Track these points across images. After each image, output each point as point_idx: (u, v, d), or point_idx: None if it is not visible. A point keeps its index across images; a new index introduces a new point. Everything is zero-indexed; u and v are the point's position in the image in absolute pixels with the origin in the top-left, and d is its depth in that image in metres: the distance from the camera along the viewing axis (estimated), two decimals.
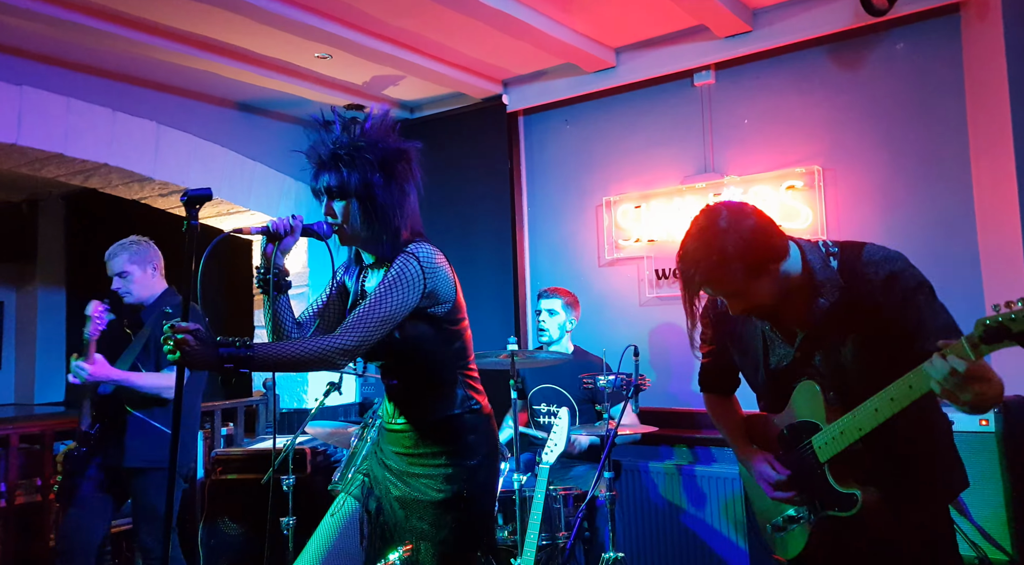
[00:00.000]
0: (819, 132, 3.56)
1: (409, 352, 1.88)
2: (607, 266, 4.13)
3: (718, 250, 1.55)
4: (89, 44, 3.57)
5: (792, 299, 1.64)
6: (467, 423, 1.90)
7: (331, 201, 1.89)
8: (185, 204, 1.71)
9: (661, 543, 3.59)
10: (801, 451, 1.70)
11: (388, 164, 1.89)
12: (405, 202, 1.93)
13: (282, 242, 1.87)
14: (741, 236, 1.55)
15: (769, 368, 1.75)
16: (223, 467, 3.71)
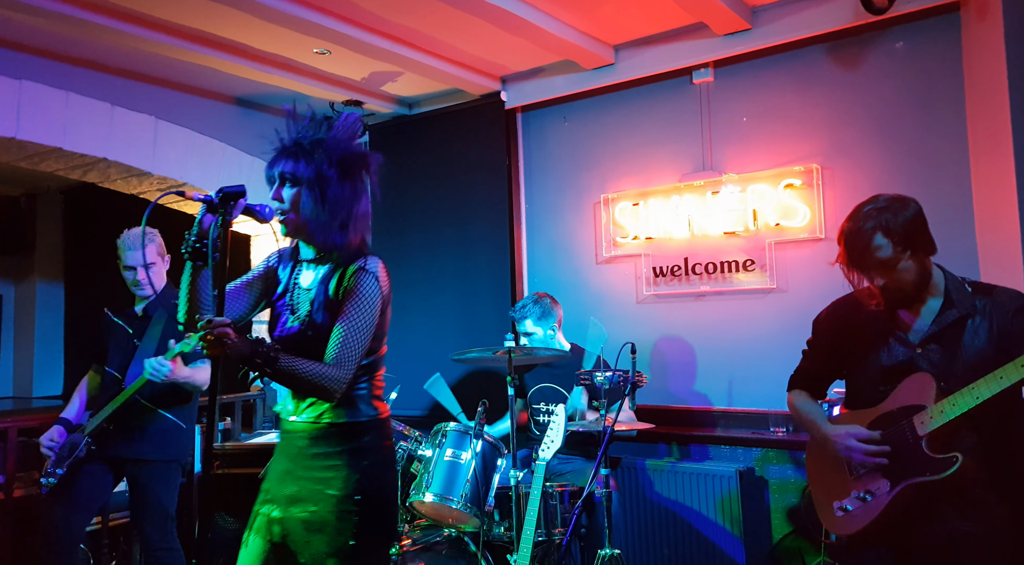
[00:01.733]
0: (818, 131, 3.56)
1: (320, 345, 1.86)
2: (605, 263, 4.13)
3: (892, 208, 1.88)
4: (89, 39, 3.56)
5: (924, 302, 1.95)
6: (363, 427, 1.90)
7: (281, 187, 1.90)
8: (219, 201, 1.74)
9: (657, 539, 3.60)
10: (898, 429, 1.90)
11: (346, 163, 1.92)
12: (357, 203, 1.94)
13: (227, 214, 1.82)
14: (909, 209, 1.91)
15: (882, 364, 1.98)
16: (220, 461, 3.72)
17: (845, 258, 1.93)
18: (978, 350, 1.89)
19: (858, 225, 1.90)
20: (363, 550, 1.82)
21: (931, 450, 1.84)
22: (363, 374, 1.93)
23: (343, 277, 1.89)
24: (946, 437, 1.84)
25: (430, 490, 2.75)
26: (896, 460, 1.90)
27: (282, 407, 1.99)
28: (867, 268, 1.91)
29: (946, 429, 1.83)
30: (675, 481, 3.60)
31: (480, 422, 2.92)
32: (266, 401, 4.73)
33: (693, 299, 3.85)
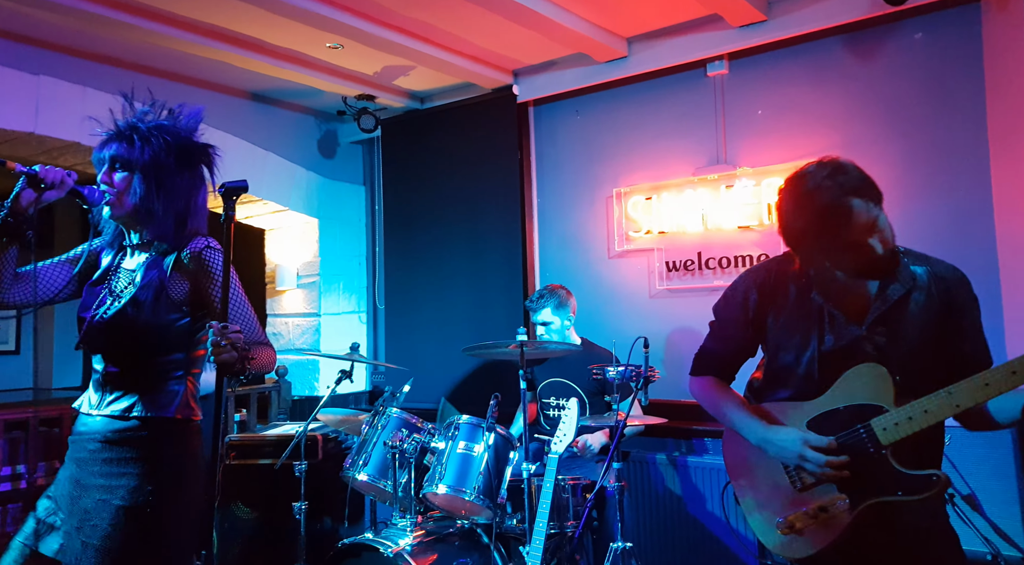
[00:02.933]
0: (835, 124, 3.53)
1: (155, 339, 1.80)
2: (617, 258, 4.13)
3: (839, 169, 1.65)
4: (105, 34, 3.60)
5: (866, 280, 1.70)
6: (178, 428, 1.81)
7: (112, 171, 1.82)
8: (222, 196, 1.70)
9: (670, 533, 3.60)
10: (854, 435, 1.65)
11: (186, 152, 1.85)
12: (194, 195, 1.87)
13: (44, 192, 1.73)
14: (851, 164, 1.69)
15: (822, 350, 1.71)
16: (236, 453, 3.76)
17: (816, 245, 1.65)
18: (919, 330, 1.65)
19: (825, 200, 1.60)
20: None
21: (899, 462, 1.60)
22: (188, 363, 1.84)
23: (183, 258, 1.82)
24: (912, 445, 1.60)
25: (443, 482, 2.76)
26: (855, 472, 1.63)
27: (82, 401, 1.85)
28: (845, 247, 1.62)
29: (910, 440, 1.59)
30: (688, 475, 3.60)
31: (493, 415, 2.93)
32: (280, 393, 4.76)
33: (707, 294, 3.83)
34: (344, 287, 5.13)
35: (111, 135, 1.84)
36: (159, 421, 1.79)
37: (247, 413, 4.56)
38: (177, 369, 1.84)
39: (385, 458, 2.89)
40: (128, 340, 1.78)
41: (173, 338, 1.82)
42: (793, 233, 1.71)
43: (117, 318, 1.77)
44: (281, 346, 5.14)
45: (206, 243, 1.84)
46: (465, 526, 2.94)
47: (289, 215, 4.97)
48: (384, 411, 3.03)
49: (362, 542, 2.72)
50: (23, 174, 1.66)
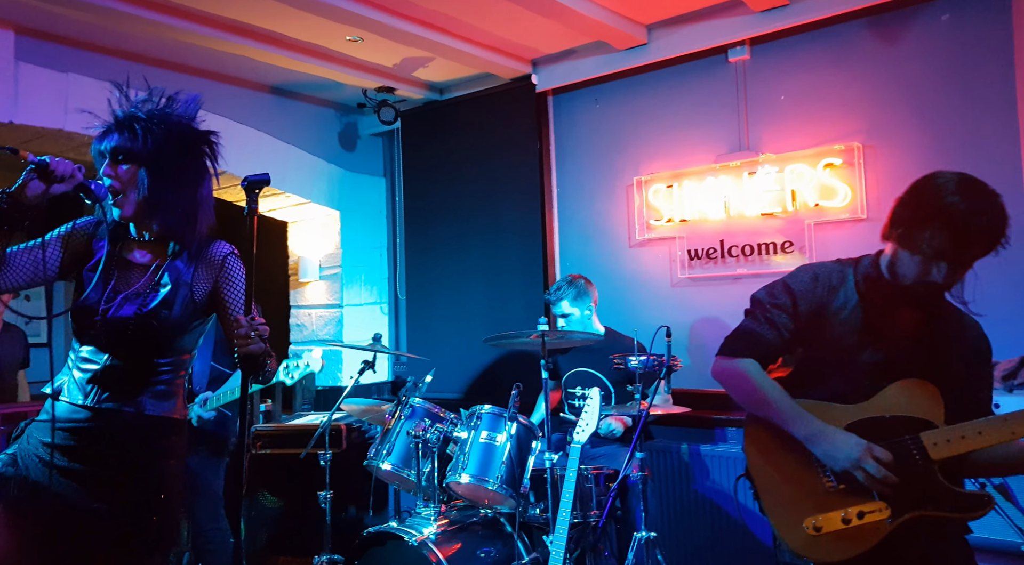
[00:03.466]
0: (859, 108, 3.47)
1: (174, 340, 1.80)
2: (638, 247, 4.11)
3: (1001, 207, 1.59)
4: (131, 31, 3.65)
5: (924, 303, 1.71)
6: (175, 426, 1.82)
7: (116, 164, 1.75)
8: (245, 189, 1.70)
9: (693, 523, 3.60)
10: (901, 445, 1.64)
11: (189, 141, 1.80)
12: (200, 184, 1.83)
13: (53, 185, 1.64)
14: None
15: (873, 358, 1.73)
16: (262, 442, 3.81)
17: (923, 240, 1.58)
18: (963, 364, 1.71)
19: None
20: None
21: (946, 478, 1.60)
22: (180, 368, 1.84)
23: (208, 268, 1.82)
24: (957, 463, 1.62)
25: (466, 471, 2.78)
26: (900, 484, 1.61)
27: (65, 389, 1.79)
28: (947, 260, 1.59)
29: (957, 459, 1.61)
30: (713, 465, 3.59)
31: (515, 405, 2.94)
32: (304, 383, 4.82)
33: (729, 282, 3.80)
34: (366, 278, 5.17)
35: (110, 126, 1.78)
36: (157, 419, 1.78)
37: (272, 403, 4.63)
38: (178, 369, 1.85)
39: (408, 447, 2.92)
40: (151, 339, 1.76)
41: (186, 341, 1.84)
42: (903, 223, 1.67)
43: (147, 317, 1.74)
44: (304, 337, 5.19)
45: (230, 250, 1.86)
46: (488, 515, 2.96)
47: (311, 207, 5.00)
48: (407, 401, 3.05)
49: (387, 530, 2.75)
50: (33, 164, 1.60)
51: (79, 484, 1.71)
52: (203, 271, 1.83)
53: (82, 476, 1.71)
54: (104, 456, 1.73)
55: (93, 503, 1.70)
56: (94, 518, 1.69)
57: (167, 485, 1.78)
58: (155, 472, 1.77)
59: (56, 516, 1.69)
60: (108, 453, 1.73)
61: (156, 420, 1.78)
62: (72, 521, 1.69)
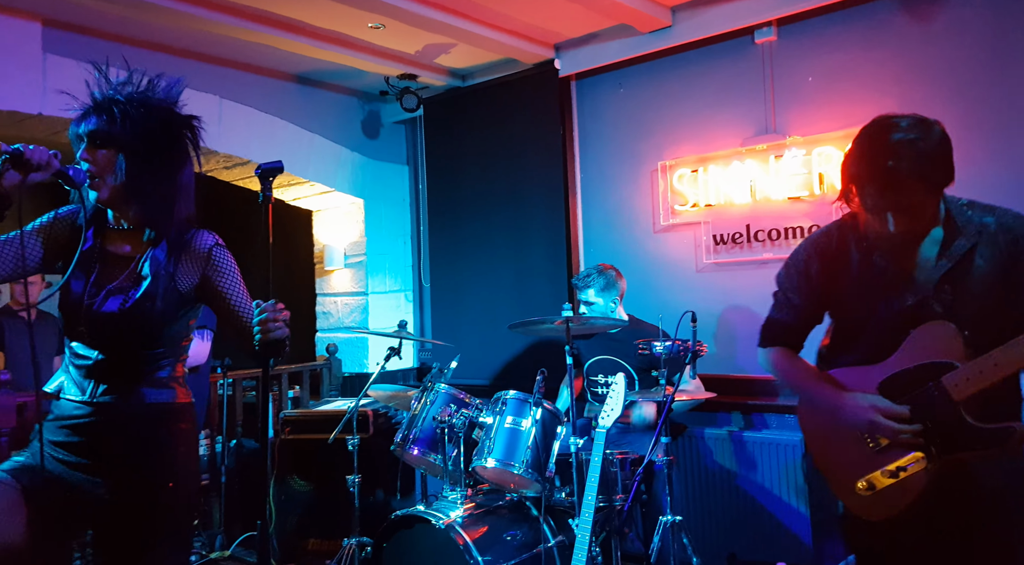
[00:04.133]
0: (888, 89, 3.40)
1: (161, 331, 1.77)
2: (663, 232, 4.08)
3: (923, 138, 1.55)
4: (155, 22, 3.68)
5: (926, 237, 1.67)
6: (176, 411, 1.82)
7: (93, 148, 1.70)
8: (259, 177, 1.69)
9: (719, 508, 3.59)
10: (926, 393, 1.65)
11: (172, 127, 1.76)
12: (179, 171, 1.78)
13: (29, 174, 1.58)
14: (935, 133, 1.57)
15: (889, 312, 1.71)
16: (291, 428, 3.87)
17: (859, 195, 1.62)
18: (987, 283, 1.62)
19: (886, 163, 1.55)
20: None
21: (973, 417, 1.59)
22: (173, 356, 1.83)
23: (192, 259, 1.79)
24: (984, 398, 1.59)
25: (492, 456, 2.80)
26: (930, 431, 1.64)
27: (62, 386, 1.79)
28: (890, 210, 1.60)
29: (983, 394, 1.58)
30: (738, 450, 3.57)
31: (539, 390, 2.95)
32: (331, 370, 4.87)
33: (756, 267, 3.77)
34: (390, 266, 5.20)
35: (89, 108, 1.72)
36: (159, 408, 1.78)
37: (300, 390, 4.69)
38: (175, 356, 1.83)
39: (434, 433, 2.95)
40: (137, 332, 1.74)
41: (176, 329, 1.81)
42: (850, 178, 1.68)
43: (132, 311, 1.71)
44: (330, 325, 5.24)
45: (215, 240, 1.83)
46: (514, 499, 2.98)
47: (335, 196, 5.04)
48: (432, 387, 3.08)
49: (414, 514, 2.78)
50: (7, 153, 1.53)
51: (88, 477, 1.71)
52: (187, 263, 1.79)
53: (90, 470, 1.72)
54: (109, 449, 1.72)
55: (104, 495, 1.70)
56: (105, 509, 1.70)
57: (176, 474, 1.77)
58: (162, 461, 1.76)
59: (69, 507, 1.70)
60: (113, 446, 1.73)
61: (158, 408, 1.78)
62: (85, 512, 1.71)
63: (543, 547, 2.82)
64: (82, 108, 1.74)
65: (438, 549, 2.69)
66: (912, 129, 1.57)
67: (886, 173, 1.56)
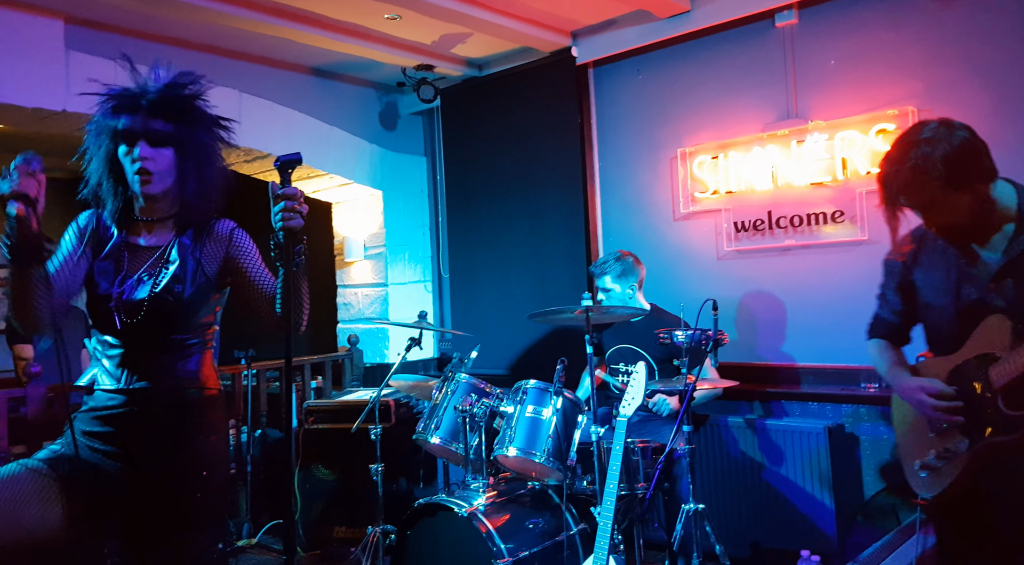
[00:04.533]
0: (913, 71, 3.34)
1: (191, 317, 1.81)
2: (682, 220, 4.05)
3: (921, 156, 1.65)
4: (175, 17, 3.71)
5: (997, 229, 1.74)
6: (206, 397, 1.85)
7: (153, 147, 1.75)
8: (279, 169, 1.71)
9: (742, 496, 3.58)
10: (975, 380, 1.77)
11: (208, 124, 1.84)
12: (215, 166, 1.86)
13: (36, 204, 1.58)
14: (948, 145, 1.65)
15: (959, 306, 1.81)
16: (315, 417, 3.91)
17: (883, 195, 1.75)
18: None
19: (896, 165, 1.70)
20: None
21: (1007, 405, 1.69)
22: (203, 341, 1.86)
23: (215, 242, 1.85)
24: (1020, 389, 1.68)
25: (513, 444, 2.81)
26: (971, 416, 1.77)
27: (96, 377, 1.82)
28: (912, 207, 1.74)
29: (1018, 381, 1.67)
30: (760, 439, 3.56)
31: (559, 380, 2.96)
32: (353, 360, 4.91)
33: (778, 253, 3.73)
34: (409, 257, 5.22)
35: (129, 104, 1.76)
36: (189, 395, 1.81)
37: (323, 380, 4.73)
38: (203, 342, 1.87)
39: (456, 422, 2.96)
40: (166, 317, 1.77)
41: (203, 315, 1.85)
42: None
43: (161, 295, 1.76)
44: (351, 316, 5.28)
45: (234, 224, 1.90)
46: (536, 488, 2.99)
47: (354, 188, 5.06)
48: (453, 377, 3.09)
49: (437, 502, 2.81)
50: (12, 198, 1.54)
51: (121, 465, 1.75)
52: (211, 247, 1.86)
53: (123, 459, 1.75)
54: (142, 438, 1.76)
55: (136, 483, 1.73)
56: (140, 498, 1.73)
57: (208, 461, 1.80)
58: (195, 449, 1.79)
59: (102, 495, 1.73)
60: (145, 435, 1.76)
61: (188, 397, 1.81)
62: (117, 500, 1.74)
63: (565, 535, 2.83)
64: (111, 101, 1.78)
65: (461, 537, 2.71)
66: (931, 131, 1.69)
67: (902, 169, 1.68)
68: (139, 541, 1.75)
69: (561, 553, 2.82)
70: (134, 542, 1.76)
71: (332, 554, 3.74)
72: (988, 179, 1.70)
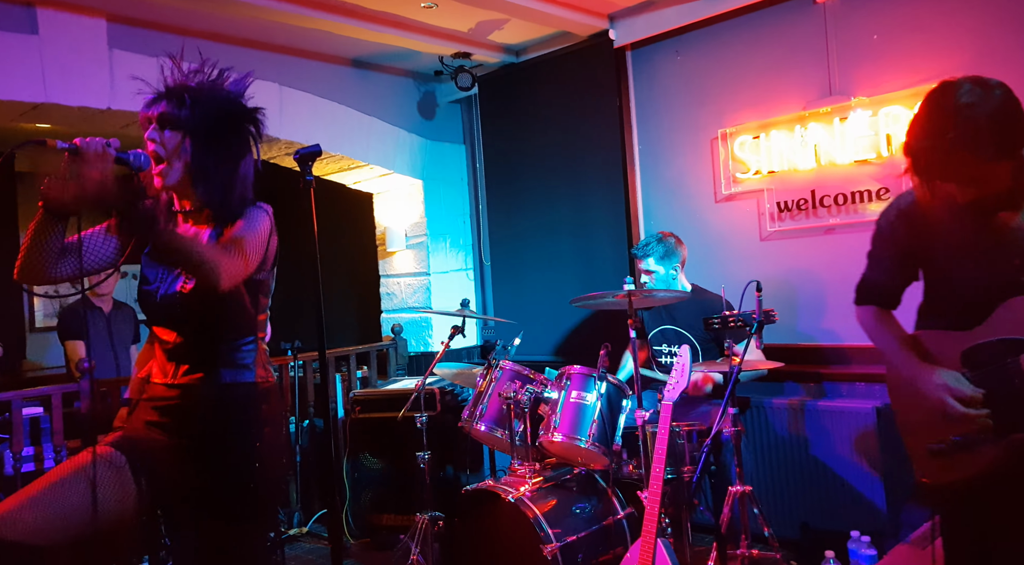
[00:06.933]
0: (961, 42, 3.23)
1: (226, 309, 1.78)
2: (724, 201, 4.00)
3: (964, 128, 1.48)
4: (216, 12, 3.79)
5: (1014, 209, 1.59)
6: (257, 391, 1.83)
7: (161, 129, 1.75)
8: (298, 162, 1.73)
9: (790, 478, 3.55)
10: (1001, 368, 1.61)
11: (236, 116, 1.81)
12: (241, 160, 1.82)
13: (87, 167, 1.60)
14: (990, 110, 1.48)
15: (978, 282, 1.66)
16: (361, 407, 3.99)
17: (916, 168, 1.59)
18: None
19: (932, 139, 1.53)
20: None
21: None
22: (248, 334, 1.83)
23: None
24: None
25: (558, 430, 2.83)
26: (1001, 406, 1.60)
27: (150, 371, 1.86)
28: (948, 182, 1.57)
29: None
30: (808, 420, 3.51)
31: (603, 365, 2.96)
32: (398, 350, 4.98)
33: (822, 233, 3.66)
34: (451, 245, 5.26)
35: (159, 94, 1.78)
36: (240, 387, 1.81)
37: (368, 370, 4.82)
38: (249, 337, 1.85)
39: (500, 409, 3.00)
40: (206, 310, 1.76)
41: (246, 308, 1.83)
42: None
43: (200, 293, 1.73)
44: (394, 305, 5.35)
45: (265, 215, 1.82)
46: (582, 473, 3.01)
47: (395, 178, 5.11)
48: (497, 364, 3.12)
49: (484, 489, 2.85)
50: (64, 151, 1.56)
51: (178, 456, 1.77)
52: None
53: (179, 450, 1.78)
54: (194, 430, 1.78)
55: (192, 474, 1.75)
56: (193, 488, 1.75)
57: (262, 453, 1.79)
58: (248, 441, 1.79)
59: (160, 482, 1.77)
60: (197, 427, 1.78)
61: (237, 390, 1.81)
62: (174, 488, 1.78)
63: (612, 519, 2.85)
64: (153, 94, 1.80)
65: (509, 522, 2.75)
66: (968, 95, 1.52)
67: (942, 145, 1.52)
68: (191, 529, 1.79)
69: (608, 537, 2.84)
70: (187, 529, 1.80)
71: (381, 541, 3.82)
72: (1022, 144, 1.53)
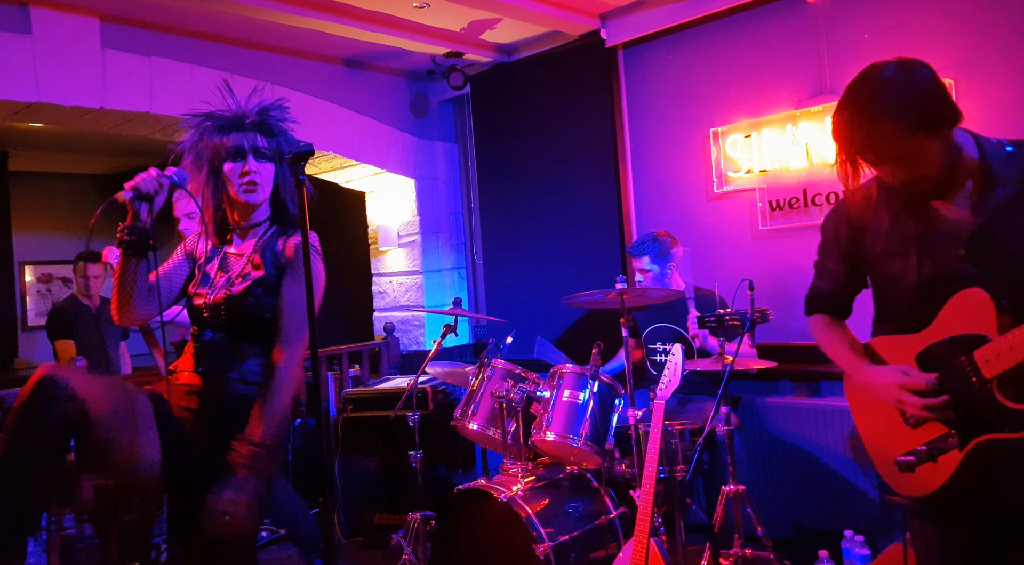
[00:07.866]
0: (951, 41, 3.25)
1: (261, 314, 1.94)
2: (716, 200, 4.01)
3: (887, 103, 1.45)
4: (208, 11, 3.76)
5: (960, 185, 1.52)
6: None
7: (258, 161, 1.97)
8: (290, 161, 1.83)
9: (783, 476, 3.55)
10: (956, 368, 1.51)
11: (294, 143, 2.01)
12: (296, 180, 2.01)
13: (154, 201, 1.84)
14: (915, 87, 1.46)
15: (921, 278, 1.58)
16: (353, 405, 3.97)
17: (844, 151, 1.55)
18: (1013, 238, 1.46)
19: (857, 117, 1.49)
20: None
21: (1006, 397, 1.43)
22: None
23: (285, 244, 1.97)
24: (1018, 379, 1.43)
25: (550, 429, 2.83)
26: (961, 408, 1.50)
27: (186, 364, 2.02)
28: (877, 162, 1.52)
29: (1016, 371, 1.41)
30: (801, 418, 3.52)
31: (595, 364, 2.96)
32: (390, 349, 4.96)
33: (814, 232, 3.61)
34: (443, 244, 5.25)
35: (235, 123, 1.98)
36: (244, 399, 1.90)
37: (360, 368, 4.79)
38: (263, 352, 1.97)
39: (493, 408, 2.99)
40: (244, 318, 1.93)
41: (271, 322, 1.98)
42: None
43: (241, 298, 1.92)
44: (387, 304, 5.34)
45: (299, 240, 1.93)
46: (575, 472, 3.00)
47: (387, 177, 5.10)
48: (489, 362, 3.11)
49: (476, 488, 2.84)
50: (133, 198, 1.79)
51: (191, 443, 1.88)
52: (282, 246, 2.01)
53: (192, 440, 1.88)
54: (205, 426, 1.90)
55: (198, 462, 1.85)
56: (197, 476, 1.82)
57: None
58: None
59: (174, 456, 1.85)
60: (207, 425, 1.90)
61: (242, 400, 1.90)
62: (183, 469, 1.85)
63: (605, 518, 2.85)
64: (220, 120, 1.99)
65: (501, 522, 2.74)
66: (891, 70, 1.50)
67: (866, 115, 1.49)
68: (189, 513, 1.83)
69: (601, 537, 2.83)
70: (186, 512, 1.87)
71: (374, 540, 3.81)
72: (954, 122, 1.48)
